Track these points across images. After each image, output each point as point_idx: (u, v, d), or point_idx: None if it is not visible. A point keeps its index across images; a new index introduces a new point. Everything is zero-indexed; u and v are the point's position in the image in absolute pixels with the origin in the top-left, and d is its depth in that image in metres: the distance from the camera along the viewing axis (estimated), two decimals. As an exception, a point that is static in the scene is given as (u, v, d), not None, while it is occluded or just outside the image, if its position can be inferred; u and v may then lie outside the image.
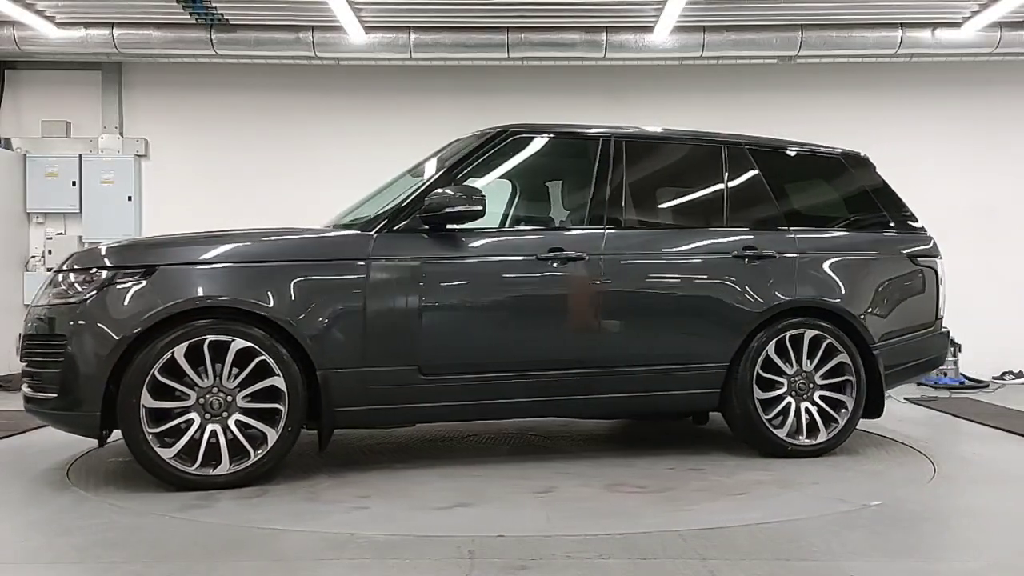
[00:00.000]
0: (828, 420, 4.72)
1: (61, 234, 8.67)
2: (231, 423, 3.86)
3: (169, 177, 8.73)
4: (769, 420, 4.62)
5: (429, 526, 3.32)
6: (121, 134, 8.74)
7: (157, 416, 3.77)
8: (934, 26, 7.94)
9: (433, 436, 5.26)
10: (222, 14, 7.73)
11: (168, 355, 3.76)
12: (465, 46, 8.01)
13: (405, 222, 4.22)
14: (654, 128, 5.18)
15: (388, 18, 7.85)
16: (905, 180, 8.72)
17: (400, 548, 3.05)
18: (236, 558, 2.95)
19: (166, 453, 3.76)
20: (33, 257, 8.67)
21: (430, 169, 4.84)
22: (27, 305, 8.39)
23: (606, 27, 7.98)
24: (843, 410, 4.75)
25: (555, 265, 4.39)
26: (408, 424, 4.53)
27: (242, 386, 3.87)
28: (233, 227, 4.55)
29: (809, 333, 4.72)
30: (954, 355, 8.36)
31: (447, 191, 4.19)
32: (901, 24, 7.94)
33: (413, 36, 7.96)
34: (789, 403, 4.68)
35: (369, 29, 7.89)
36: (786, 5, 7.57)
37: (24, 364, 4.04)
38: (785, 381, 4.69)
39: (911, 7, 7.69)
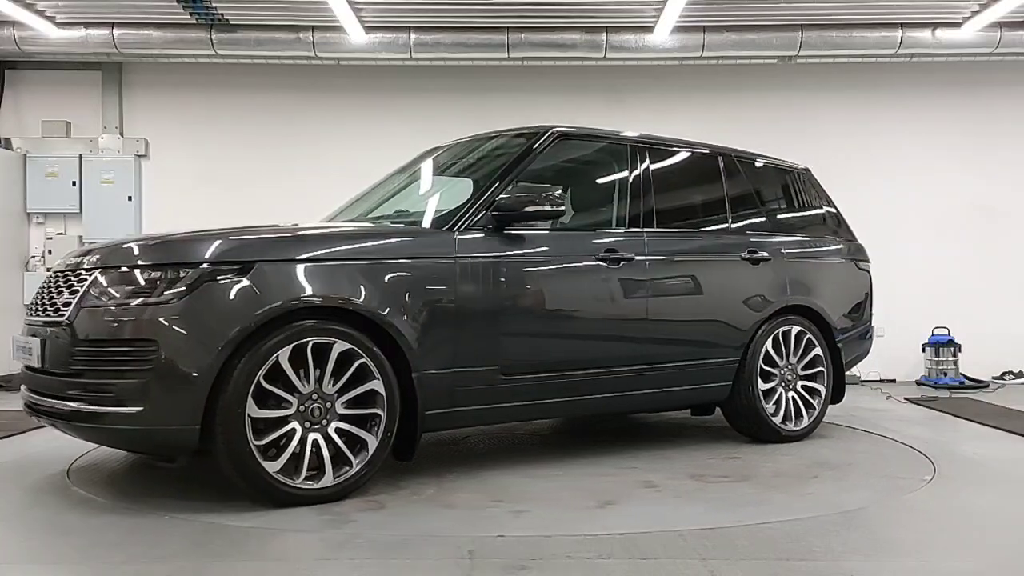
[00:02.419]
0: (808, 407, 5.26)
1: (61, 234, 8.68)
2: (331, 431, 3.61)
3: (169, 177, 8.73)
4: (767, 408, 5.07)
5: (602, 527, 3.32)
6: (121, 134, 8.75)
7: (255, 427, 3.45)
8: (934, 26, 7.95)
9: (435, 440, 5.25)
10: (222, 14, 7.74)
11: (273, 359, 3.46)
12: (465, 46, 8.01)
13: (479, 221, 4.14)
14: (671, 136, 5.35)
15: (388, 18, 7.86)
16: (905, 180, 8.81)
17: (400, 548, 3.05)
18: (236, 558, 2.95)
19: (272, 467, 3.46)
20: (33, 257, 8.67)
21: (446, 171, 4.95)
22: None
23: (606, 27, 7.99)
24: (818, 397, 5.32)
25: (613, 266, 4.52)
26: (484, 424, 4.50)
27: (340, 392, 3.65)
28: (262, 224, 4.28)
29: (795, 329, 5.23)
30: (954, 355, 8.38)
31: (524, 191, 4.17)
32: (901, 24, 7.94)
33: (413, 36, 7.96)
34: (780, 393, 5.16)
35: (369, 29, 7.90)
36: (786, 5, 7.57)
37: (67, 375, 3.51)
38: (777, 373, 5.15)
39: (911, 7, 7.68)
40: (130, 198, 8.65)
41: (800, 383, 5.26)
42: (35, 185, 8.60)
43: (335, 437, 3.62)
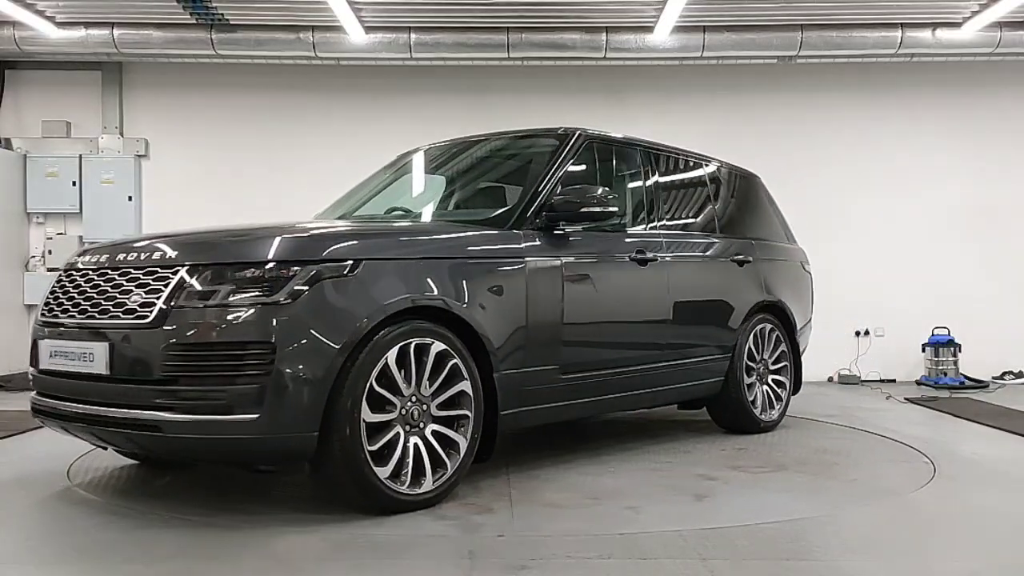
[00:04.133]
0: (776, 398, 5.62)
1: (61, 234, 8.68)
2: (428, 434, 3.52)
3: (169, 177, 8.74)
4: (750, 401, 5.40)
5: (715, 520, 3.38)
6: (121, 134, 8.75)
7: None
8: (934, 26, 7.95)
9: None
10: (222, 14, 7.74)
11: (383, 362, 3.35)
12: (465, 46, 8.01)
13: (533, 221, 4.12)
14: (667, 138, 5.53)
15: (388, 18, 7.86)
16: (905, 180, 8.82)
17: (401, 548, 3.05)
18: (236, 558, 2.95)
19: (383, 472, 3.33)
20: (33, 257, 8.68)
21: (443, 171, 4.99)
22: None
23: (606, 27, 7.99)
24: (783, 389, 5.70)
25: (646, 265, 4.67)
26: (544, 423, 4.48)
27: (434, 394, 3.56)
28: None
29: (768, 327, 5.57)
30: (954, 355, 8.38)
31: (570, 191, 4.17)
32: (901, 24, 7.94)
33: (413, 36, 7.96)
34: (757, 387, 5.48)
35: (369, 29, 7.90)
36: (786, 5, 7.57)
37: (154, 383, 3.19)
38: (755, 368, 5.48)
39: (911, 7, 7.68)
40: (130, 198, 8.66)
41: (770, 377, 5.61)
42: (35, 185, 8.61)
43: (432, 440, 3.54)
